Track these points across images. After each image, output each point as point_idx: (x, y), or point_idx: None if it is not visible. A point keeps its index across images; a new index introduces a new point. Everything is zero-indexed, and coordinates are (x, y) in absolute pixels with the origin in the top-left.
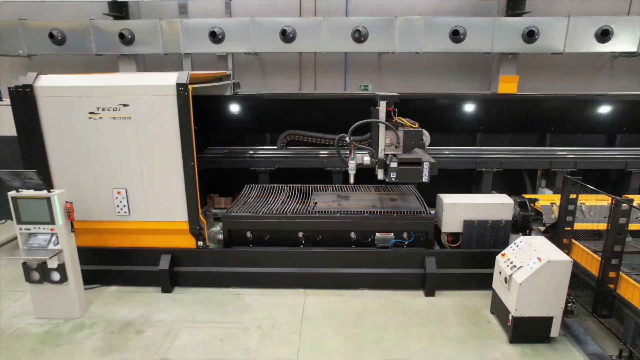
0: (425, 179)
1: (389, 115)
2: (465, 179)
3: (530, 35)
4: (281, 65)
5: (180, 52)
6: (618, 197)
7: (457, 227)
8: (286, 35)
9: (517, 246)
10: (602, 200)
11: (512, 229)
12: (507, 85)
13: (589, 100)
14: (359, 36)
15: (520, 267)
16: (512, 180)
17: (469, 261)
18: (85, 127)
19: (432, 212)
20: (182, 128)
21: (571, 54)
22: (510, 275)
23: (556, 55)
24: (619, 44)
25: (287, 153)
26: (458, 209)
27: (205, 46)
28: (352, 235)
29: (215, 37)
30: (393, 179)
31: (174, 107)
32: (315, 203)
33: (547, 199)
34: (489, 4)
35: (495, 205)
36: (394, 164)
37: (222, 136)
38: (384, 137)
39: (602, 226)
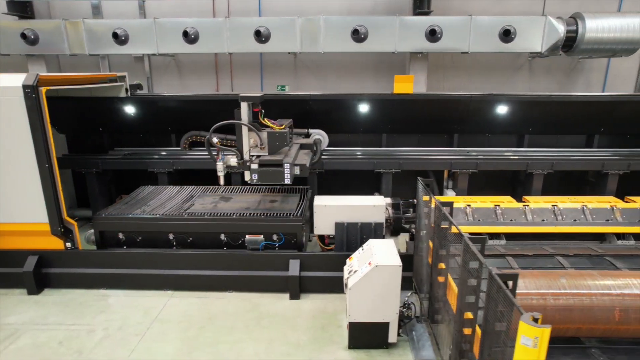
0: (287, 181)
1: (255, 117)
2: (376, 180)
3: (432, 34)
4: (198, 66)
5: (85, 53)
6: (440, 201)
7: (329, 229)
8: (188, 36)
9: (363, 249)
10: (488, 202)
11: (389, 231)
12: (402, 84)
13: (495, 100)
14: (260, 36)
15: (356, 271)
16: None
17: (336, 264)
18: None
19: None
20: (34, 130)
21: (489, 54)
22: (347, 280)
23: (475, 55)
24: (523, 43)
25: (187, 154)
26: (328, 210)
27: (110, 47)
28: (223, 237)
29: (118, 38)
30: (255, 181)
31: (23, 109)
32: (192, 204)
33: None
34: (402, 3)
35: (365, 207)
36: (254, 166)
37: (131, 137)
38: (247, 139)
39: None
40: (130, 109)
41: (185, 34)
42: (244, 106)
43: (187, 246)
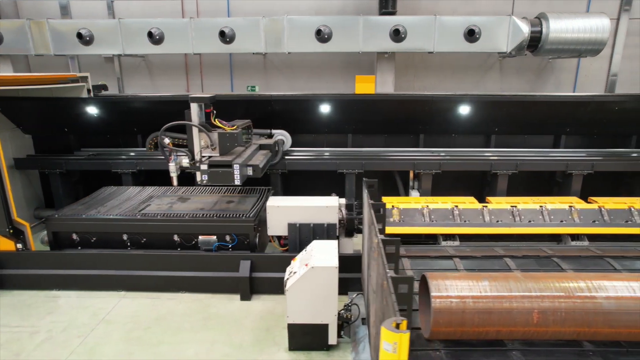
0: (237, 181)
1: (207, 117)
2: (342, 181)
3: (396, 34)
4: (168, 66)
5: (50, 53)
6: (374, 202)
7: (282, 230)
8: (153, 37)
9: (306, 251)
10: (449, 203)
11: (343, 232)
12: (363, 85)
13: (458, 100)
14: (225, 37)
15: (295, 272)
16: (387, 182)
17: (288, 265)
18: None
19: None
20: None
21: (459, 54)
22: (286, 281)
23: (445, 55)
24: (488, 43)
25: (152, 155)
26: (281, 211)
27: (75, 48)
28: (176, 238)
29: (83, 38)
30: (205, 181)
31: None
32: (148, 205)
33: (389, 202)
34: (371, 3)
35: (318, 208)
36: (204, 166)
37: (98, 138)
38: (198, 140)
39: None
40: (92, 110)
41: (150, 34)
42: (194, 107)
43: (141, 247)
